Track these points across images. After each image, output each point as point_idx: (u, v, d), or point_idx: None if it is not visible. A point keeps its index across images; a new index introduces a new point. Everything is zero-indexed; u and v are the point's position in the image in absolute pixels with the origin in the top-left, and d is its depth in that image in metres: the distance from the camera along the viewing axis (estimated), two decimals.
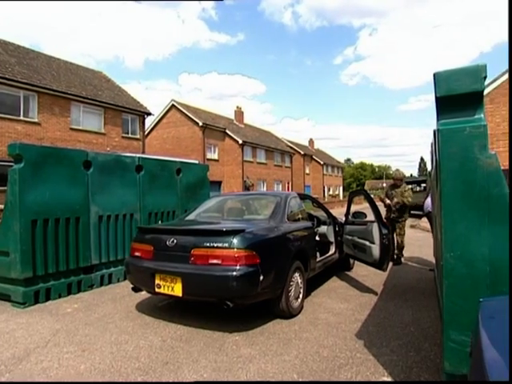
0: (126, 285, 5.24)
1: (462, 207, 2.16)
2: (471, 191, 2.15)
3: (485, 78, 2.17)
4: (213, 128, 27.47)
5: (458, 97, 2.21)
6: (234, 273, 3.36)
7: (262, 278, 3.49)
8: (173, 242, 3.74)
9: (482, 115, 2.22)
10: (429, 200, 6.47)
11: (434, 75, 2.23)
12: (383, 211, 6.46)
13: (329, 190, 51.26)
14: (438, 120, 2.27)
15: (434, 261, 5.90)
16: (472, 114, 2.22)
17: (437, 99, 2.24)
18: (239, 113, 34.37)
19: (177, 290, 3.60)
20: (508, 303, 1.58)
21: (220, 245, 3.48)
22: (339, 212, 7.89)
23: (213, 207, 5.28)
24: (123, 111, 19.13)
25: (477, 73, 2.18)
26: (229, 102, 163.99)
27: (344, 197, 49.13)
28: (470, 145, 2.15)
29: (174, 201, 6.93)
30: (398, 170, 7.25)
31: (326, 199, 43.08)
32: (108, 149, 17.71)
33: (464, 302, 2.13)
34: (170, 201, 6.83)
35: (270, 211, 4.52)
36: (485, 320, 1.46)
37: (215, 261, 3.46)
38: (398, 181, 7.08)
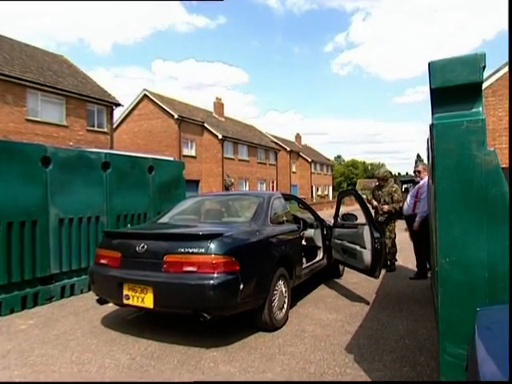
0: (91, 296, 5.13)
1: (458, 208, 2.20)
2: (468, 191, 2.20)
3: (484, 67, 2.22)
4: (190, 121, 27.31)
5: (454, 89, 2.25)
6: (212, 281, 3.35)
7: (242, 286, 3.49)
8: (143, 247, 3.70)
9: (481, 109, 2.26)
10: (409, 200, 6.24)
11: (429, 65, 2.27)
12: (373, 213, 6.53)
13: (317, 189, 51.71)
14: (432, 114, 2.31)
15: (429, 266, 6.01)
16: (469, 108, 2.26)
17: (432, 91, 2.28)
18: (219, 104, 34.27)
19: (147, 301, 3.56)
20: (507, 312, 1.61)
21: (196, 250, 3.47)
22: (329, 214, 7.97)
23: (189, 209, 5.28)
24: (88, 101, 18.77)
25: (475, 62, 2.22)
26: (207, 93, 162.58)
27: (334, 197, 49.68)
28: (467, 141, 2.19)
29: (145, 202, 6.85)
30: (382, 167, 7.33)
31: (314, 200, 43.43)
32: (71, 143, 17.35)
33: (461, 311, 2.17)
34: (140, 202, 6.75)
35: (252, 213, 4.55)
36: (481, 331, 1.49)
37: (190, 268, 3.45)
38: (381, 181, 6.99)
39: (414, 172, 6.35)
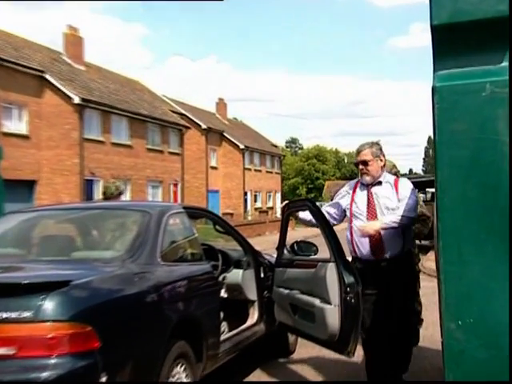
0: None
1: (476, 233, 2.30)
2: (492, 204, 2.31)
3: None
4: (17, 69, 26.38)
5: (470, 27, 2.36)
6: (45, 373, 3.26)
7: (105, 379, 3.45)
8: None
9: None
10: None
11: None
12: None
13: (255, 198, 52.32)
14: (434, 70, 2.42)
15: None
16: (496, 61, 2.38)
17: (433, 30, 2.38)
18: (74, 39, 33.37)
19: None
20: None
21: (15, 315, 3.34)
22: (274, 241, 7.96)
23: (8, 236, 5.25)
24: None
25: None
26: (52, 16, 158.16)
27: None
28: (492, 116, 2.31)
29: None
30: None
31: (250, 216, 43.90)
32: None
33: None
34: None
35: (128, 243, 4.56)
36: None
37: (3, 350, 3.32)
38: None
39: (356, 164, 5.70)
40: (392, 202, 5.36)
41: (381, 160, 5.44)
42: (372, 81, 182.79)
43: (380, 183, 5.44)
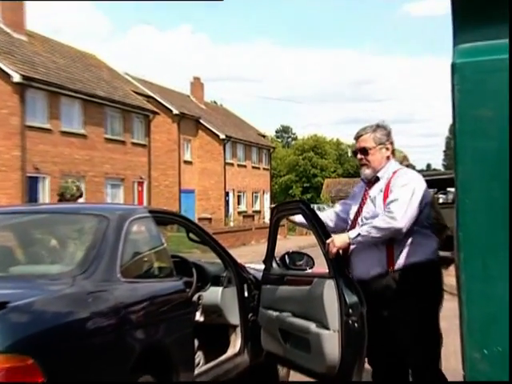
0: None
1: (504, 243, 2.29)
2: None
3: None
4: None
5: None
6: None
7: None
8: None
9: None
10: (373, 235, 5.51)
11: None
12: None
13: (238, 200, 52.21)
14: (454, 44, 2.42)
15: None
16: None
17: None
18: (13, 2, 33.07)
19: None
20: None
21: None
22: (261, 252, 7.92)
23: None
24: None
25: None
26: None
27: None
28: None
29: None
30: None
31: (233, 222, 43.81)
32: None
33: None
34: None
35: (81, 255, 4.55)
36: None
37: None
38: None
39: (355, 152, 5.34)
40: (371, 208, 5.02)
41: (386, 148, 5.10)
42: (381, 56, 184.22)
43: (378, 179, 5.08)
